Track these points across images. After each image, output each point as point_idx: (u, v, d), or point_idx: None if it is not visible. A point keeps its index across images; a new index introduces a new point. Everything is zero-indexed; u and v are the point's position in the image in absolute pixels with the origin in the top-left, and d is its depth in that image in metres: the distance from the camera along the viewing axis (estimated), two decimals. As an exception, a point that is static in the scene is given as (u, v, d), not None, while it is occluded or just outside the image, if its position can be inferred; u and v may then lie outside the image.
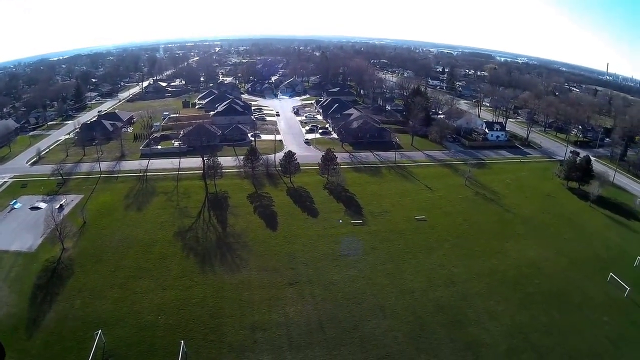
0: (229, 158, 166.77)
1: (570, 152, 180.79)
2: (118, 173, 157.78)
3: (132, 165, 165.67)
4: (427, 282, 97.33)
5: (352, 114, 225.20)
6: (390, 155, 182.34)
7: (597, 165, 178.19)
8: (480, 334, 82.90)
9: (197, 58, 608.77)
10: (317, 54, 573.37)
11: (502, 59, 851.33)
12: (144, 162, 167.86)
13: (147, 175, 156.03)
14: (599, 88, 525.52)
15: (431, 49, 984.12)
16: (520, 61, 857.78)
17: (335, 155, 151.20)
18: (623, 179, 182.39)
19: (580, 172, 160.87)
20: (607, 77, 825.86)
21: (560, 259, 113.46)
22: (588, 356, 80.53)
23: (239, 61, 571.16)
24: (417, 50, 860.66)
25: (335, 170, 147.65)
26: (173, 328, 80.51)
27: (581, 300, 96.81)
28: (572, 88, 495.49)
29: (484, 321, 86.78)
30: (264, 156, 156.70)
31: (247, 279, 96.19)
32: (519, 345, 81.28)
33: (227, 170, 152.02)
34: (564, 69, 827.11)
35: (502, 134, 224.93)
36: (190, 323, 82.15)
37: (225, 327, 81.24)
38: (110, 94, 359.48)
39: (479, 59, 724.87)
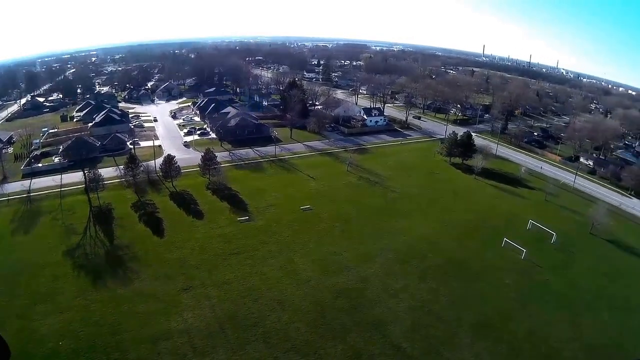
0: (110, 169, 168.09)
1: (452, 131, 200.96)
2: (1, 197, 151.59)
3: (15, 187, 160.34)
4: (321, 270, 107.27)
5: (229, 113, 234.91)
6: (270, 149, 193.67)
7: (479, 140, 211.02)
8: (384, 313, 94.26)
9: (74, 70, 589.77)
10: (193, 56, 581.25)
11: (378, 48, 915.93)
12: (27, 182, 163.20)
13: (30, 195, 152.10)
14: (475, 69, 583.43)
15: (306, 43, 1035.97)
16: (396, 49, 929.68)
17: (215, 155, 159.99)
18: (506, 151, 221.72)
19: (463, 148, 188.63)
20: (484, 58, 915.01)
21: (452, 231, 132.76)
22: (495, 318, 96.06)
23: (115, 69, 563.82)
24: (292, 46, 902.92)
25: (216, 169, 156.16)
26: (76, 352, 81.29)
27: (479, 268, 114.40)
28: (449, 70, 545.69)
29: (384, 300, 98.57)
30: (145, 163, 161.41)
31: (141, 291, 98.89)
32: (424, 318, 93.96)
33: (109, 182, 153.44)
34: (439, 53, 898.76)
35: (381, 119, 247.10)
36: (92, 344, 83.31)
37: (126, 343, 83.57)
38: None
39: (354, 49, 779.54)
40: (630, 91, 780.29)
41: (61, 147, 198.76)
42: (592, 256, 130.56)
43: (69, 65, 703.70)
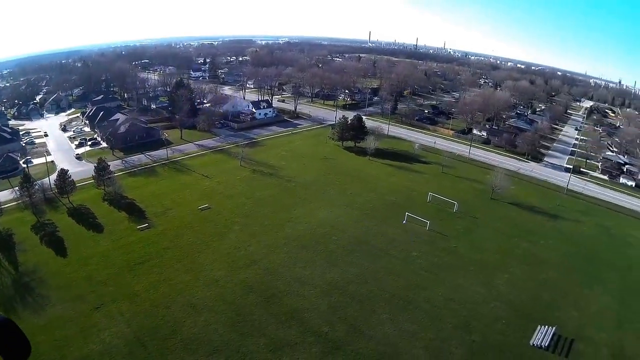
0: (5, 192, 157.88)
1: (342, 116, 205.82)
2: None
3: None
4: (228, 268, 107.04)
5: (118, 119, 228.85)
6: (162, 152, 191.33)
7: (370, 123, 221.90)
8: (298, 302, 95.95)
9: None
10: (79, 64, 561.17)
11: (264, 42, 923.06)
12: None
13: None
14: (362, 55, 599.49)
15: (192, 43, 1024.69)
16: (282, 41, 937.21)
17: (107, 164, 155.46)
18: (398, 130, 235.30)
19: (354, 131, 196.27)
20: (370, 44, 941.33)
21: (353, 212, 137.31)
22: (410, 290, 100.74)
23: (3, 86, 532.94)
24: (178, 46, 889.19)
25: (110, 179, 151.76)
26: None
27: (386, 245, 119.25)
28: (336, 58, 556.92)
29: (296, 289, 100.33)
30: (39, 181, 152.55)
31: (55, 316, 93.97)
32: (339, 300, 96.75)
33: (6, 205, 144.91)
34: (325, 42, 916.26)
35: (270, 111, 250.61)
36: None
37: (50, 375, 79.93)
38: None
39: (240, 45, 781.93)
40: (519, 65, 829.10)
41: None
42: (495, 219, 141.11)
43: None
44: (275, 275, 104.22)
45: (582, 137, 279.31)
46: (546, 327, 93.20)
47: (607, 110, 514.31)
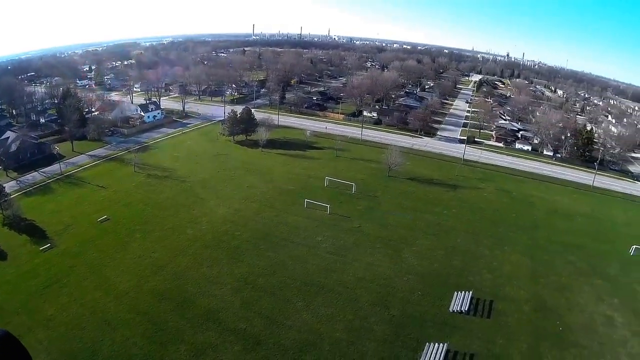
0: None
1: (231, 110, 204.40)
2: None
3: None
4: (136, 278, 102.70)
5: (9, 138, 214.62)
6: (56, 167, 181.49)
7: (260, 115, 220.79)
8: (211, 302, 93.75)
9: None
10: None
11: (148, 43, 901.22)
12: None
13: None
14: (247, 48, 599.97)
15: (77, 51, 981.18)
16: (165, 42, 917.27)
17: (2, 187, 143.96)
18: (289, 119, 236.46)
19: (244, 124, 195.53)
20: (255, 37, 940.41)
21: (252, 205, 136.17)
22: (320, 274, 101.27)
23: None
24: (63, 55, 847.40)
25: (7, 202, 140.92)
26: None
27: (288, 233, 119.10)
28: (220, 54, 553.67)
29: (207, 289, 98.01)
30: None
31: None
32: (251, 294, 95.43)
33: None
34: (209, 39, 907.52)
35: (159, 113, 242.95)
36: None
37: None
38: None
39: (125, 49, 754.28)
40: (405, 46, 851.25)
41: None
42: (395, 195, 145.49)
43: None
44: (184, 279, 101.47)
45: (473, 109, 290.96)
46: (463, 292, 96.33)
47: (497, 82, 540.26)
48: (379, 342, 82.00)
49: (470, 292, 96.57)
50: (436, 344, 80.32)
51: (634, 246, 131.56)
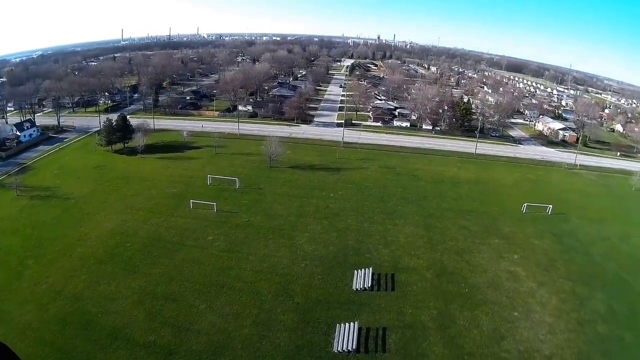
0: None
1: (106, 119, 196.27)
2: None
3: None
4: (36, 308, 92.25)
5: None
6: None
7: (136, 120, 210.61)
8: (115, 319, 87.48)
9: None
10: None
11: (18, 59, 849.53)
12: None
13: None
14: (117, 54, 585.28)
15: None
16: (35, 55, 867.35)
17: None
18: (164, 122, 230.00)
19: (120, 132, 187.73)
20: (124, 42, 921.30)
21: (137, 213, 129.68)
22: (218, 274, 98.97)
23: None
24: None
25: None
26: None
27: (179, 237, 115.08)
28: (91, 62, 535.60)
29: (108, 306, 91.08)
30: None
31: None
32: (153, 305, 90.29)
33: None
34: (79, 49, 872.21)
35: (34, 130, 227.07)
36: None
37: None
38: None
39: None
40: (274, 37, 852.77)
41: None
42: (280, 185, 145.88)
43: None
44: (83, 300, 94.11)
45: (348, 93, 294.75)
46: (362, 270, 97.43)
47: (369, 65, 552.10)
48: (289, 332, 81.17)
49: (370, 268, 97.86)
50: (347, 324, 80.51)
51: (525, 204, 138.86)
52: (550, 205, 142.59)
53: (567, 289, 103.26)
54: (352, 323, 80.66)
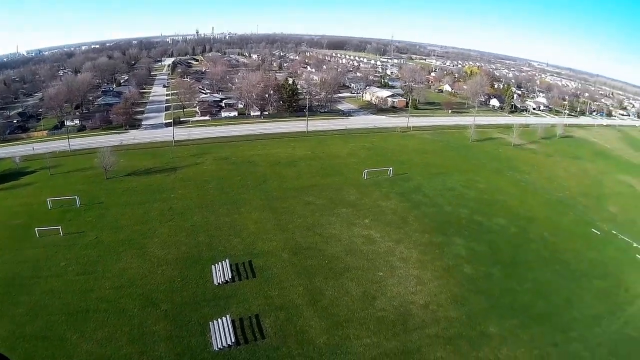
0: None
1: None
2: None
3: None
4: None
5: None
6: None
7: None
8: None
9: None
10: None
11: None
12: None
13: None
14: None
15: None
16: None
17: None
18: None
19: None
20: None
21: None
22: (80, 296, 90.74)
23: None
24: None
25: None
26: None
27: (30, 270, 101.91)
28: None
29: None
30: None
31: None
32: (25, 348, 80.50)
33: None
34: None
35: None
36: None
37: None
38: None
39: None
40: (94, 46, 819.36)
41: None
42: (120, 194, 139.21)
43: None
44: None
45: (172, 92, 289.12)
46: (219, 263, 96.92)
47: (191, 61, 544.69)
48: (166, 341, 78.02)
49: (227, 260, 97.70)
50: (219, 320, 79.69)
51: (366, 170, 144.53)
52: (391, 168, 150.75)
53: (425, 241, 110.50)
54: (224, 318, 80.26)
